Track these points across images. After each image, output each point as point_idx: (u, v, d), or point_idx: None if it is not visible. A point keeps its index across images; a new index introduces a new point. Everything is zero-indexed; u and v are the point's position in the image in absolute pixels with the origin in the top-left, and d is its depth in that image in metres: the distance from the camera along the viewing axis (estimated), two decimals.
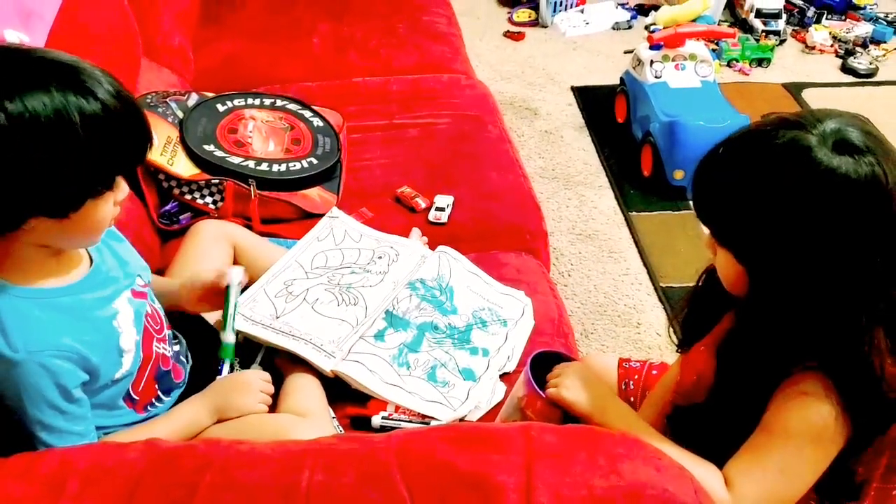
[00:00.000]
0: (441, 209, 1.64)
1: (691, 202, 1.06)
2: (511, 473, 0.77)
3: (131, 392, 1.12)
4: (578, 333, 1.92)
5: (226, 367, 1.22)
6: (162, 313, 1.20)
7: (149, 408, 1.16)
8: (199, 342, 1.29)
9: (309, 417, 1.17)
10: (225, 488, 0.80)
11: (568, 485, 0.76)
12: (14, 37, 1.34)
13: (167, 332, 1.20)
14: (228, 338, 1.24)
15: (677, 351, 1.20)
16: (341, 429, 1.21)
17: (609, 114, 2.71)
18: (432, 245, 1.53)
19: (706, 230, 1.02)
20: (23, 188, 0.90)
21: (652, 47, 2.47)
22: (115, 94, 0.94)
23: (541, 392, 1.06)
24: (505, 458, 0.80)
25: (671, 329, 1.21)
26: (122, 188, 1.01)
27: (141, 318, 1.12)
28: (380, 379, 1.25)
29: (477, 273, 1.48)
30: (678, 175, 2.32)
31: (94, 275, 1.07)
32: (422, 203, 1.66)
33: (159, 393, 1.17)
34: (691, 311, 1.18)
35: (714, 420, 1.02)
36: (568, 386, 1.06)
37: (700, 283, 1.15)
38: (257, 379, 1.21)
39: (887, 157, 0.88)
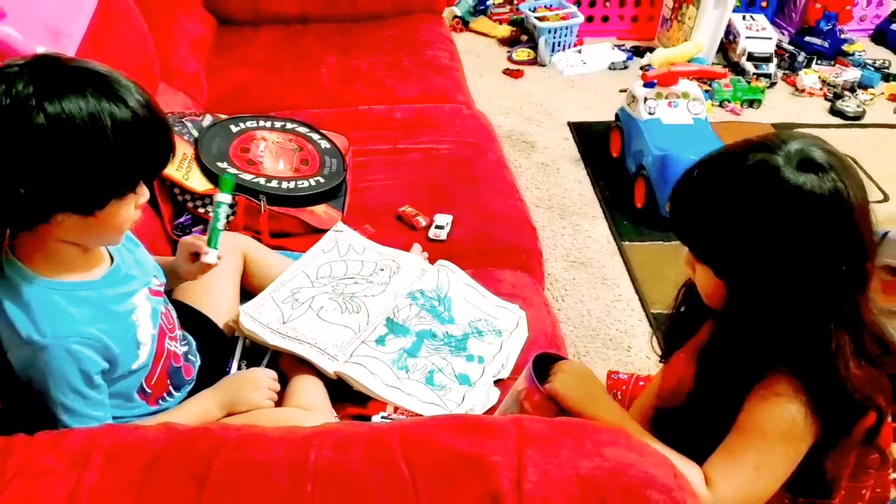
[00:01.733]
0: (440, 227, 1.70)
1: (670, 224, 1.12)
2: (504, 455, 0.82)
3: (145, 385, 1.17)
4: (571, 355, 1.98)
5: (234, 365, 1.28)
6: (174, 314, 1.26)
7: (160, 401, 1.21)
8: (208, 343, 1.35)
9: (314, 413, 1.23)
10: (239, 464, 0.84)
11: (556, 465, 0.82)
12: None
13: (178, 332, 1.27)
14: (210, 258, 1.27)
15: (660, 361, 1.27)
16: None
17: (604, 148, 2.77)
18: (432, 261, 1.59)
19: (685, 248, 1.10)
20: (53, 183, 0.97)
21: (646, 85, 2.54)
22: (145, 104, 1.02)
23: (539, 386, 1.12)
24: (499, 442, 0.85)
25: (654, 339, 1.28)
26: (144, 192, 1.08)
27: (157, 315, 1.18)
28: (380, 381, 1.30)
29: (474, 286, 1.54)
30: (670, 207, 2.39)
31: (115, 272, 1.14)
32: (422, 221, 1.72)
33: (171, 388, 1.23)
34: (672, 324, 1.25)
35: (693, 422, 1.08)
36: (563, 381, 1.10)
37: (680, 298, 1.22)
38: (265, 376, 1.27)
39: (847, 173, 0.97)
